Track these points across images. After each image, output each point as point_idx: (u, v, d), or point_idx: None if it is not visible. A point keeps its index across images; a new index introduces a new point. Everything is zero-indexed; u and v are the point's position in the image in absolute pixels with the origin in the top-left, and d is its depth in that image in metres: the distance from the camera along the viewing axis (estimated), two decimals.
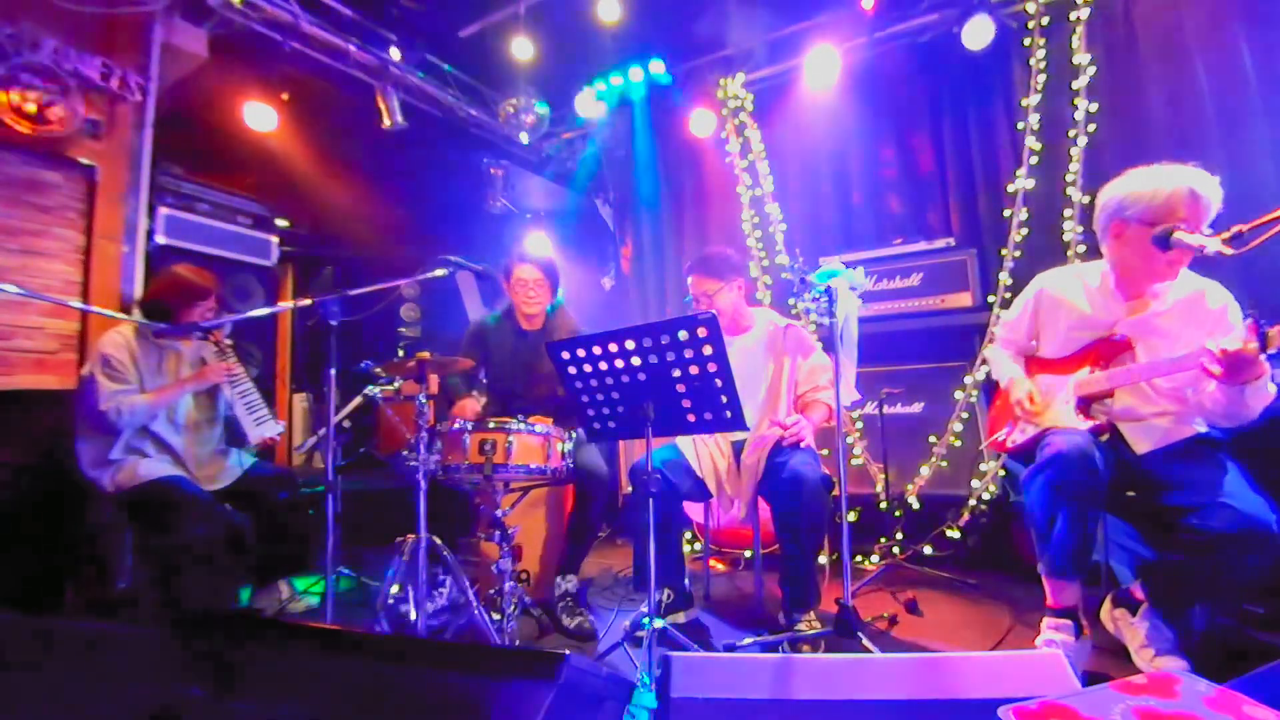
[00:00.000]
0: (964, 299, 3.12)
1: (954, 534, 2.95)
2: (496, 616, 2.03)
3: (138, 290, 2.90)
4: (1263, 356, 1.44)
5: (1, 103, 2.50)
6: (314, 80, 3.71)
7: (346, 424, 3.16)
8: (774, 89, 3.92)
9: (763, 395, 2.29)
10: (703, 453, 2.28)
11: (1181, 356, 1.59)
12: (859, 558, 2.98)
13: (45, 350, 2.68)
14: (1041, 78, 3.12)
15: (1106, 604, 1.88)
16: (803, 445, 2.11)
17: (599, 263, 4.79)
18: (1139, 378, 1.72)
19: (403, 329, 5.26)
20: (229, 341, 2.48)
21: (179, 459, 2.33)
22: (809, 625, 2.06)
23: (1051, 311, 1.97)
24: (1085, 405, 1.82)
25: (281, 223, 3.89)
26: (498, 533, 2.07)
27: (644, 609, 1.78)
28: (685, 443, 2.32)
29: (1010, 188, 3.17)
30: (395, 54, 3.80)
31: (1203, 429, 1.76)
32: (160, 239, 3.18)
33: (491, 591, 2.11)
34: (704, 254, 2.38)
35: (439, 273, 2.20)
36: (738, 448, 2.26)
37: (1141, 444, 1.75)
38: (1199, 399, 1.70)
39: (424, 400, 2.05)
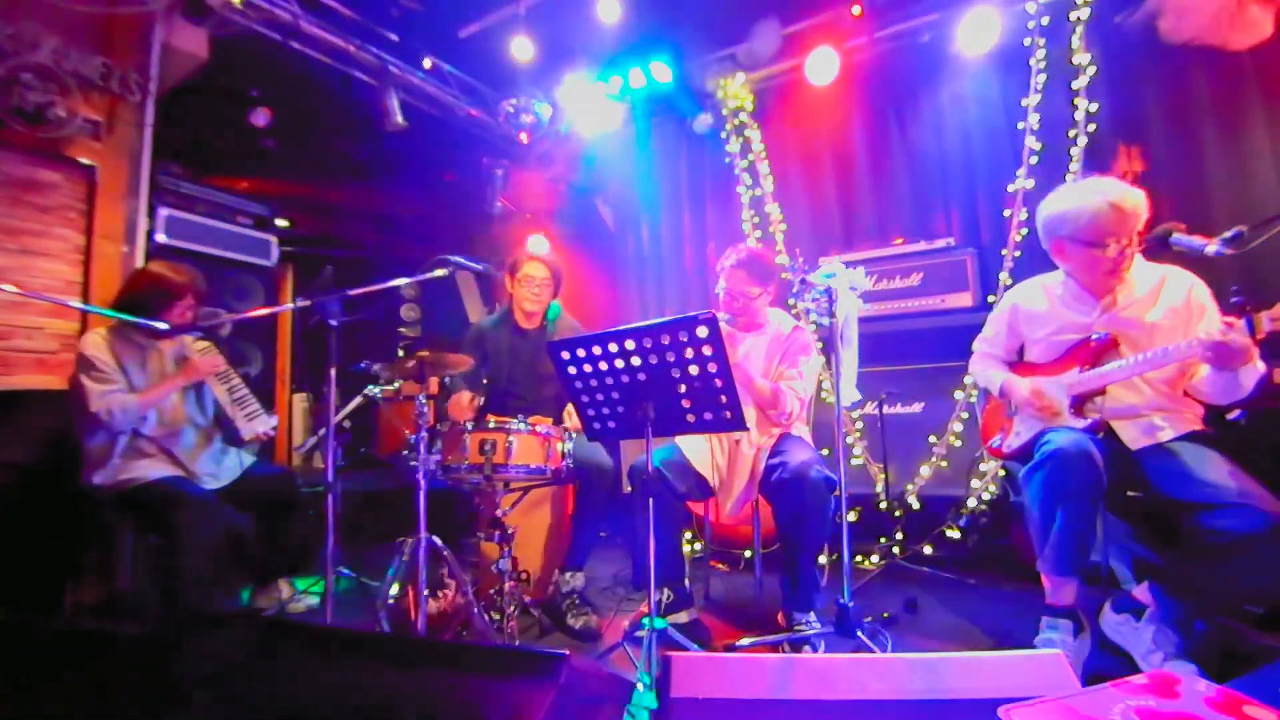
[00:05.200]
0: (964, 299, 3.11)
1: (954, 534, 2.94)
2: (496, 616, 2.03)
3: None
4: (1250, 341, 1.47)
5: (1, 103, 2.50)
6: (314, 80, 3.71)
7: (346, 424, 3.16)
8: (774, 89, 3.91)
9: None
10: (702, 449, 2.28)
11: (1173, 348, 1.61)
12: (859, 558, 2.98)
13: (45, 350, 2.67)
14: (1041, 78, 3.12)
15: (1106, 610, 1.87)
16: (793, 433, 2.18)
17: (599, 263, 4.78)
18: (1131, 373, 1.73)
19: (403, 329, 5.26)
20: (222, 336, 2.47)
21: (176, 459, 2.32)
22: (809, 625, 2.06)
23: (1029, 324, 2.02)
24: (1078, 404, 1.82)
25: (281, 223, 3.89)
26: (498, 533, 2.07)
27: (644, 609, 1.78)
28: (684, 440, 2.32)
29: (1010, 188, 3.16)
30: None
31: (1197, 426, 1.76)
32: (160, 239, 3.18)
33: (492, 591, 2.11)
34: (753, 254, 2.32)
35: (439, 273, 2.20)
36: (737, 444, 2.26)
37: (1136, 440, 1.76)
38: (1195, 384, 1.74)
39: (424, 400, 2.05)
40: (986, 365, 2.15)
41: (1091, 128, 2.98)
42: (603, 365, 1.71)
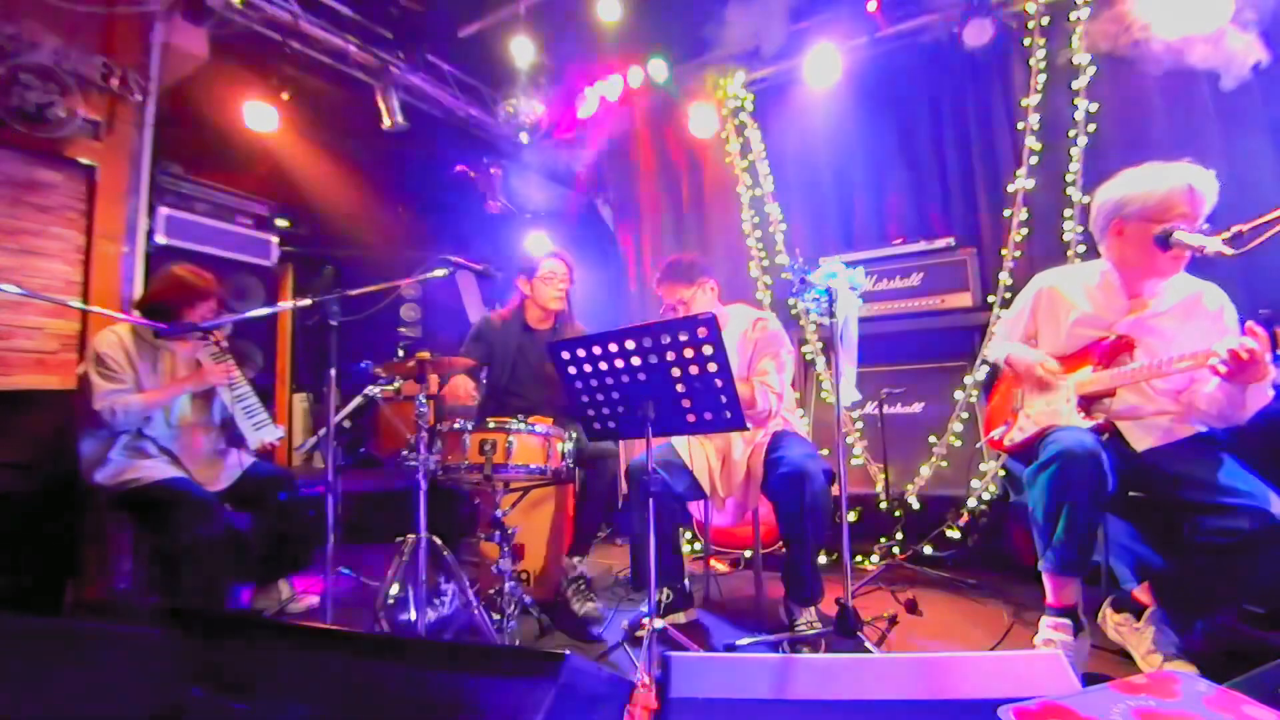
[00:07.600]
0: (964, 299, 3.12)
1: (954, 534, 2.94)
2: (496, 616, 2.03)
3: (137, 290, 2.91)
4: (1268, 357, 1.45)
5: (1, 103, 2.49)
6: (314, 80, 3.71)
7: (346, 424, 3.16)
8: (774, 89, 3.91)
9: None
10: (696, 452, 2.28)
11: (1189, 353, 1.59)
12: (859, 558, 2.98)
13: (45, 350, 2.68)
14: (1041, 78, 3.12)
15: (1105, 609, 1.87)
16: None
17: (599, 263, 4.78)
18: (1142, 377, 1.72)
19: (403, 329, 5.26)
20: (225, 344, 2.47)
21: (177, 460, 2.32)
22: (809, 625, 2.06)
23: (1051, 310, 1.98)
24: (1086, 404, 1.82)
25: (281, 223, 3.89)
26: (498, 533, 2.07)
27: (644, 609, 1.78)
28: (679, 442, 2.32)
29: (1010, 188, 3.16)
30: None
31: (1203, 428, 1.76)
32: (160, 239, 3.18)
33: (491, 591, 2.11)
34: (668, 263, 2.37)
35: (439, 273, 2.20)
36: (731, 446, 2.26)
37: (1142, 442, 1.75)
38: (1191, 399, 1.72)
39: (424, 400, 2.05)
40: (999, 340, 2.13)
41: (1091, 128, 2.98)
42: (603, 365, 1.71)
